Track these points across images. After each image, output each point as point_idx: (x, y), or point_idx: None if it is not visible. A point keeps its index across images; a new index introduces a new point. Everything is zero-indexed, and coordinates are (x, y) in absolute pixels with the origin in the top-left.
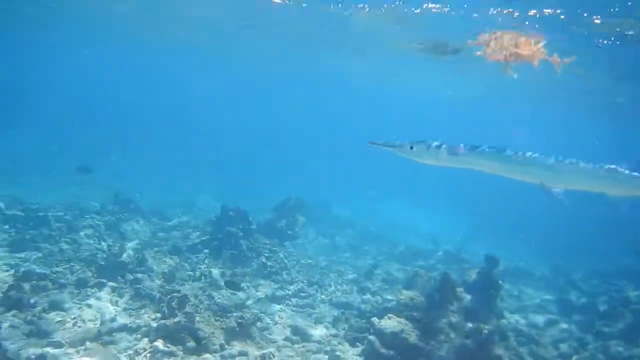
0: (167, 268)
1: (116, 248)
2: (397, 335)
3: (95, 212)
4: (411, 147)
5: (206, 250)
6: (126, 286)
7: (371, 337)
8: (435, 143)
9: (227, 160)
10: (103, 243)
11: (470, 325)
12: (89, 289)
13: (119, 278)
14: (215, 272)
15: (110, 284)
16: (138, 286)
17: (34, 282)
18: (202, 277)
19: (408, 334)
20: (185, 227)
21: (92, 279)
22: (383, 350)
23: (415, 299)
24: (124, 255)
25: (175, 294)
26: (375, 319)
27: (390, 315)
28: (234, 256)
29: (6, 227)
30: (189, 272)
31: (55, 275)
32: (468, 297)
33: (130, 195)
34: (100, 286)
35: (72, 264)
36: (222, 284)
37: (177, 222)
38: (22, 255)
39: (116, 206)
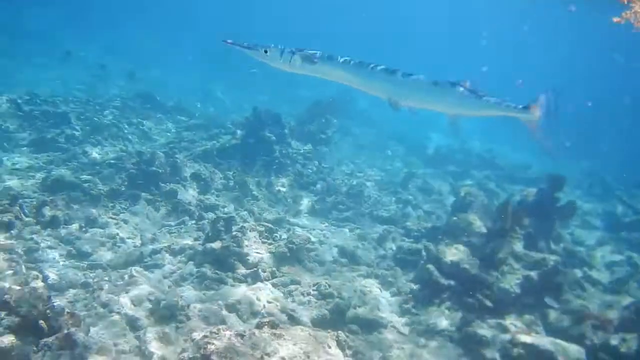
0: (200, 176)
1: (147, 155)
2: (458, 265)
3: (115, 107)
4: (265, 51)
5: (238, 156)
6: (161, 199)
7: (429, 266)
8: (289, 49)
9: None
10: (128, 145)
11: (534, 255)
12: (122, 201)
13: (153, 189)
14: (251, 181)
15: (145, 195)
16: (175, 199)
17: (65, 193)
18: (237, 187)
19: (469, 264)
20: (211, 125)
21: (124, 189)
22: (442, 281)
23: (474, 224)
24: (156, 163)
25: (222, 215)
26: (431, 246)
27: (447, 241)
28: (268, 163)
29: (25, 124)
30: (222, 181)
31: (86, 185)
32: (527, 221)
33: (150, 89)
34: (134, 199)
35: (99, 168)
36: (258, 195)
37: (203, 119)
38: (44, 157)
39: (137, 101)
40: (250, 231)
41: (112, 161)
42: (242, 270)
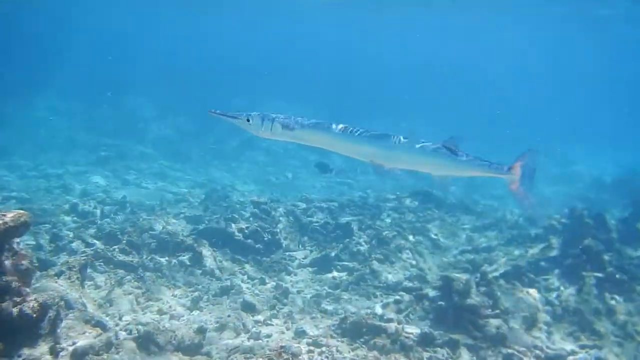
0: (523, 305)
1: (458, 283)
2: None
3: (392, 209)
4: (248, 120)
5: (556, 271)
6: (485, 345)
7: None
8: (270, 117)
9: None
10: (420, 260)
11: None
12: (437, 349)
13: (471, 329)
14: (585, 309)
15: (463, 339)
16: (509, 350)
17: (369, 339)
18: (566, 317)
19: None
20: (502, 225)
21: (435, 331)
22: None
23: None
24: (469, 292)
25: None
26: None
27: None
28: (599, 281)
29: (305, 239)
30: (547, 308)
31: (390, 328)
32: None
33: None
34: (452, 346)
35: (396, 297)
36: (600, 329)
37: (492, 219)
38: (329, 279)
39: (415, 200)
40: None
41: (408, 284)
42: None
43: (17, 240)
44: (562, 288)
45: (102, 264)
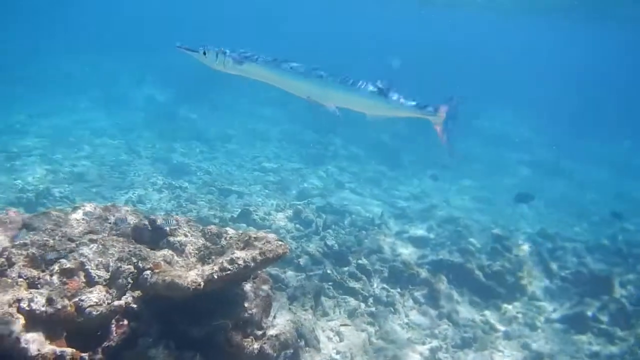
0: None
1: None
2: None
3: None
4: (204, 53)
5: None
6: None
7: None
8: (223, 51)
9: None
10: None
11: None
12: None
13: None
14: None
15: None
16: None
17: None
18: None
19: None
20: None
21: None
22: None
23: None
24: None
25: None
26: None
27: None
28: None
29: (553, 286)
30: None
31: None
32: None
33: None
34: None
35: None
36: None
37: None
38: (583, 341)
39: None
40: None
41: None
42: None
43: None
44: None
45: (330, 287)
